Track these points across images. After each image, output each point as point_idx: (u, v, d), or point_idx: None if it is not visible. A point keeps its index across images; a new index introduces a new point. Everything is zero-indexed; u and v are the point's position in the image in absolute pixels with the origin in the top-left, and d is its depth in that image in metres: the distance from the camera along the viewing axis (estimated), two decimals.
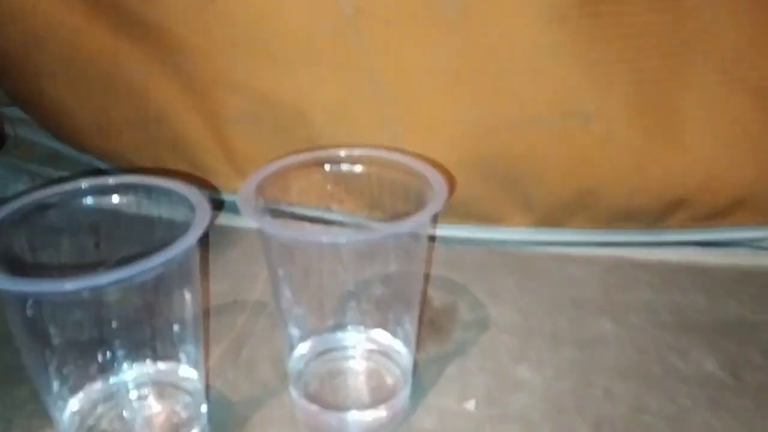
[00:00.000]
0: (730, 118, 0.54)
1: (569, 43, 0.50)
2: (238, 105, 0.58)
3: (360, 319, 0.44)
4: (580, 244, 0.60)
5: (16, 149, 0.78)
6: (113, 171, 0.69)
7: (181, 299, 0.36)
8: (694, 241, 0.60)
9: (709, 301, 0.53)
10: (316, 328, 0.44)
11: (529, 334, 0.49)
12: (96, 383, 0.38)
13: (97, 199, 0.38)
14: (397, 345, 0.43)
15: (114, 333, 0.36)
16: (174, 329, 0.37)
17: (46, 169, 0.74)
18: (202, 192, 0.37)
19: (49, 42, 0.61)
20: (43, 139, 0.77)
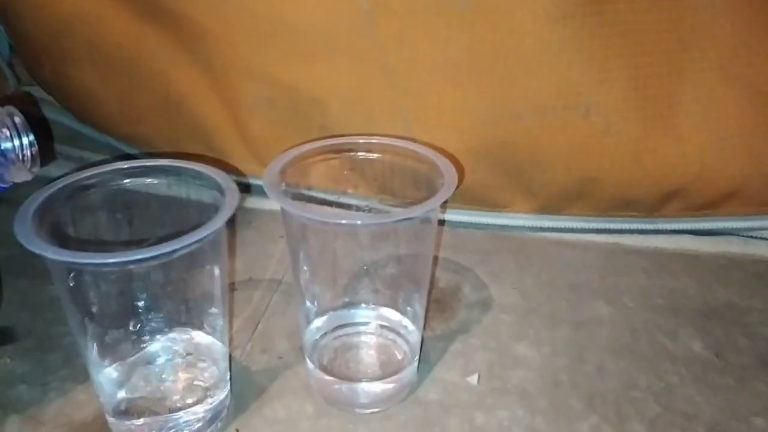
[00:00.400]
0: (725, 112, 0.55)
1: (572, 39, 0.52)
2: (256, 92, 0.60)
3: (372, 298, 0.46)
4: (578, 230, 0.62)
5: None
6: (144, 156, 0.71)
7: (211, 274, 0.38)
8: (688, 230, 0.61)
9: (700, 287, 0.55)
10: (332, 304, 0.46)
11: (528, 314, 0.52)
12: (131, 350, 0.40)
13: (131, 181, 0.40)
14: (406, 322, 0.45)
15: (149, 304, 0.38)
16: (203, 302, 0.40)
17: (66, 148, 0.75)
18: (229, 175, 0.39)
19: (75, 28, 0.63)
20: (65, 119, 0.79)
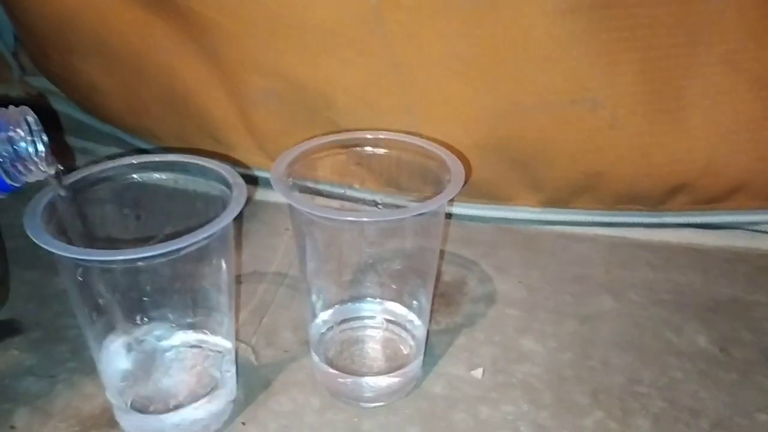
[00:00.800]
0: (732, 106, 0.55)
1: (580, 33, 0.52)
2: (262, 85, 0.59)
3: (378, 292, 0.46)
4: (584, 224, 0.62)
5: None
6: (153, 151, 0.71)
7: (218, 269, 0.38)
8: (694, 224, 0.61)
9: (705, 281, 0.55)
10: (337, 298, 0.46)
11: (533, 307, 0.52)
12: (138, 343, 0.40)
13: (140, 176, 0.40)
14: (412, 317, 0.45)
15: (156, 298, 0.39)
16: (210, 296, 0.40)
17: (71, 139, 0.75)
18: (235, 169, 0.39)
19: (82, 21, 0.62)
20: (70, 110, 0.79)
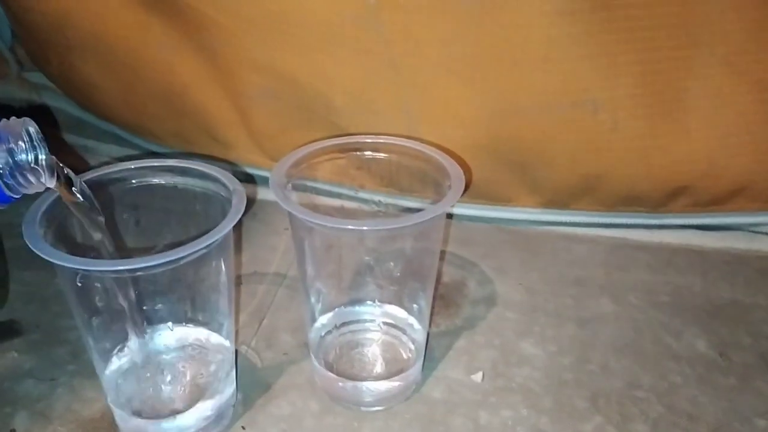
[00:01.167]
0: (733, 109, 0.55)
1: (580, 35, 0.51)
2: (260, 83, 0.59)
3: (378, 295, 0.46)
4: (584, 225, 0.62)
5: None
6: (152, 151, 0.72)
7: (218, 274, 0.38)
8: (694, 225, 0.61)
9: (705, 284, 0.55)
10: (337, 301, 0.46)
11: (533, 310, 0.52)
12: (137, 347, 0.40)
13: (138, 181, 0.40)
14: (412, 320, 0.45)
15: (156, 303, 0.39)
16: (210, 300, 0.40)
17: (69, 136, 0.75)
18: (234, 173, 0.39)
19: (80, 19, 0.62)
20: (67, 106, 0.79)
